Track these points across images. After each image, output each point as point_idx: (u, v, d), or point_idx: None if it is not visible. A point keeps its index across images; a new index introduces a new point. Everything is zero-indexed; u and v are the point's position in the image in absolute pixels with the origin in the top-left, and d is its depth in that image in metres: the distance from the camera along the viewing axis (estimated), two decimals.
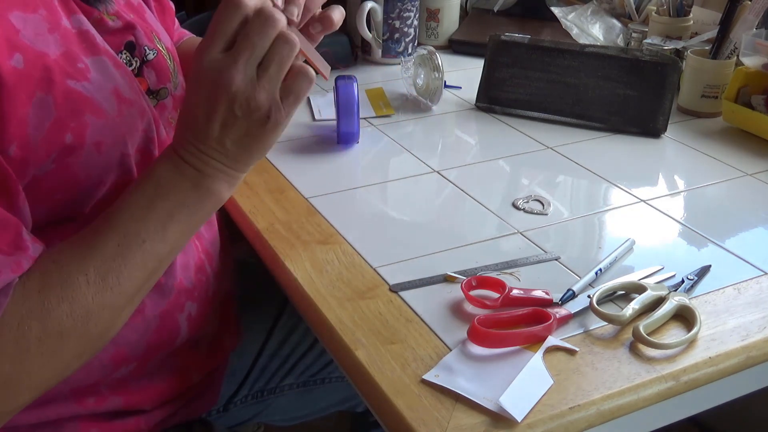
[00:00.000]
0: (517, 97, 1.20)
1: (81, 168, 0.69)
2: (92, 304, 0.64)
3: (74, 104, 0.67)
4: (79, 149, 0.67)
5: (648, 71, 1.14)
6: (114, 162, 0.71)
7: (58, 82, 0.66)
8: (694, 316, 0.71)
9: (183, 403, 0.89)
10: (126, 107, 0.72)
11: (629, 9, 1.44)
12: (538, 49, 1.20)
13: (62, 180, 0.68)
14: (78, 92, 0.67)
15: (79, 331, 0.65)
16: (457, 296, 0.75)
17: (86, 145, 0.68)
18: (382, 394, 0.64)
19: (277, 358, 1.03)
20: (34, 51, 0.65)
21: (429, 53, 1.22)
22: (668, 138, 1.13)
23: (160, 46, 0.81)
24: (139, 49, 0.78)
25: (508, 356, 0.67)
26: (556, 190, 0.99)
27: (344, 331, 0.71)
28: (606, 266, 0.80)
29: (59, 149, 0.66)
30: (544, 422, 0.61)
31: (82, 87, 0.68)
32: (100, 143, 0.69)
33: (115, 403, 0.81)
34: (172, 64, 0.83)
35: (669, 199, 0.96)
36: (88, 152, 0.68)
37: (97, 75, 0.70)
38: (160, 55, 0.80)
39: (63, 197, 0.69)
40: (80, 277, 0.64)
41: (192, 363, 0.87)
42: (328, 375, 1.06)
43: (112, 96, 0.70)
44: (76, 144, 0.67)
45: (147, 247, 0.67)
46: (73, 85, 0.67)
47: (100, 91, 0.69)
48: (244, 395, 1.02)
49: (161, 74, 0.80)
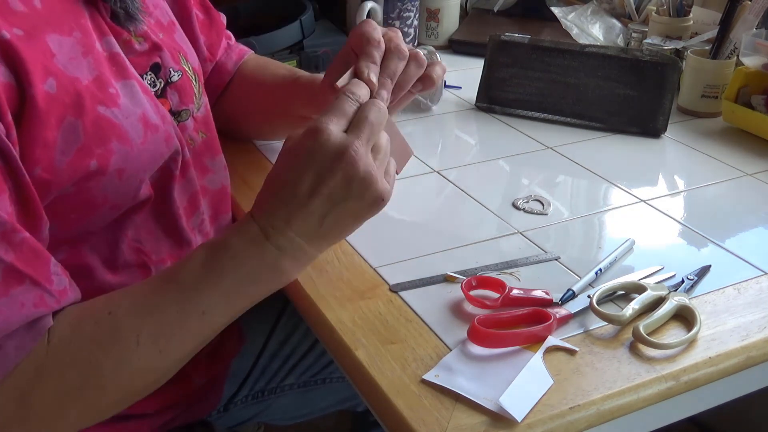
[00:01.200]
0: (517, 97, 1.20)
1: (99, 192, 0.69)
2: (138, 365, 0.64)
3: (102, 131, 0.67)
4: (101, 175, 0.68)
5: (648, 71, 1.14)
6: (131, 188, 0.71)
7: (88, 108, 0.66)
8: (694, 316, 0.71)
9: (185, 407, 0.89)
10: (152, 133, 0.72)
11: (629, 9, 1.44)
12: (538, 49, 1.20)
13: (79, 202, 0.68)
14: (107, 119, 0.68)
15: (121, 386, 0.65)
16: (457, 296, 0.75)
17: (109, 172, 0.68)
18: (382, 394, 0.64)
19: (278, 358, 1.03)
20: (67, 76, 0.65)
21: (429, 53, 1.22)
22: (668, 138, 1.13)
23: (186, 66, 0.81)
24: (164, 71, 0.78)
25: (508, 356, 0.67)
26: (556, 190, 0.99)
27: (344, 331, 0.71)
28: (606, 266, 0.80)
29: (83, 174, 0.66)
30: (544, 422, 0.61)
31: (111, 113, 0.68)
32: (123, 171, 0.69)
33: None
34: (197, 86, 0.83)
35: (669, 199, 0.96)
36: (109, 178, 0.68)
37: (126, 101, 0.70)
38: (185, 77, 0.80)
39: (78, 217, 0.70)
40: (132, 335, 0.63)
41: (193, 370, 0.87)
42: (329, 375, 1.06)
43: (139, 123, 0.71)
44: (100, 170, 0.67)
45: (206, 318, 0.66)
46: (103, 111, 0.67)
47: (128, 117, 0.70)
48: (245, 395, 1.02)
49: (184, 96, 0.80)
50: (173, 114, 0.78)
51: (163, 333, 0.65)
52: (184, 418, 0.90)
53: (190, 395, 0.89)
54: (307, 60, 1.33)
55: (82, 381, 0.63)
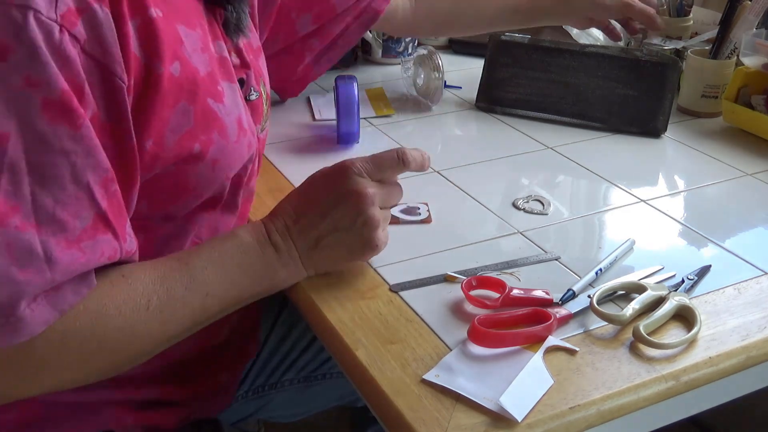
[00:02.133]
0: (517, 97, 1.20)
1: (193, 178, 0.73)
2: (141, 330, 0.67)
3: (208, 121, 0.71)
4: (200, 161, 0.71)
5: (648, 71, 1.14)
6: (218, 182, 0.76)
7: (201, 98, 0.70)
8: (694, 316, 0.71)
9: (205, 400, 0.92)
10: (242, 135, 0.76)
11: None
12: (538, 49, 1.20)
13: (174, 183, 0.72)
14: (213, 111, 0.72)
15: (120, 348, 0.67)
16: (457, 296, 0.75)
17: (207, 159, 0.72)
18: (382, 394, 0.64)
19: (278, 353, 1.04)
20: (190, 64, 0.69)
21: (429, 53, 1.22)
22: (668, 138, 1.13)
23: (263, 90, 0.86)
24: (246, 88, 0.82)
25: (508, 356, 0.67)
26: (556, 190, 0.99)
27: (344, 331, 0.71)
28: (606, 266, 0.80)
29: (186, 155, 0.70)
30: (544, 422, 0.61)
31: (217, 107, 0.72)
32: (216, 161, 0.73)
33: (150, 394, 0.85)
34: (266, 110, 0.88)
35: (669, 199, 0.96)
36: (205, 166, 0.72)
37: (228, 100, 0.75)
38: (260, 99, 0.85)
39: (168, 199, 0.73)
40: (143, 299, 0.67)
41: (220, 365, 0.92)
42: (329, 370, 1.06)
43: (235, 123, 0.75)
44: (200, 155, 0.71)
45: (207, 301, 0.71)
46: (212, 104, 0.72)
47: (229, 115, 0.74)
48: (245, 391, 1.03)
49: (256, 115, 0.84)
50: None
51: (169, 304, 0.68)
52: (200, 412, 0.93)
53: (213, 389, 0.92)
54: None
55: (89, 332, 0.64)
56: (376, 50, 1.42)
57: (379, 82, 1.33)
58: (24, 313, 0.59)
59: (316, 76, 1.22)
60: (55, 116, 0.58)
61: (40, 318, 0.60)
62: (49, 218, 0.59)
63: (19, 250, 0.57)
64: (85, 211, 0.61)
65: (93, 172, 0.61)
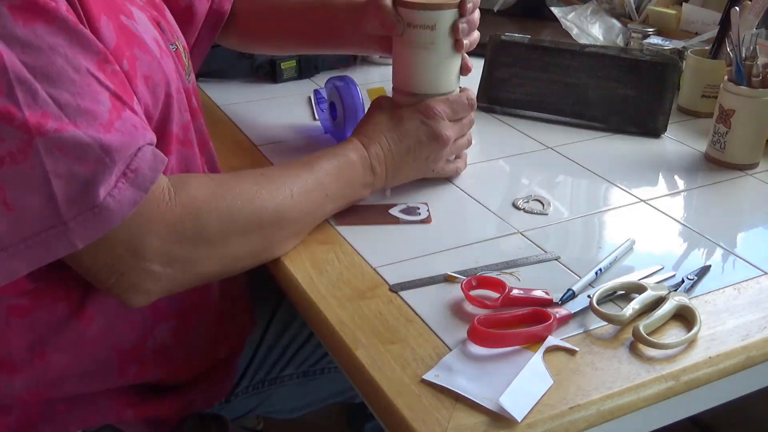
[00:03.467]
0: (517, 97, 1.20)
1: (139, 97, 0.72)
2: (290, 213, 0.79)
3: (126, 36, 0.72)
4: (133, 78, 0.71)
5: (648, 71, 1.14)
6: (159, 99, 0.75)
7: (113, 13, 0.71)
8: (694, 316, 0.71)
9: (206, 386, 0.92)
10: (165, 56, 0.77)
11: (629, 9, 1.44)
12: (538, 49, 1.20)
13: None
14: (128, 27, 0.73)
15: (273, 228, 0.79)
16: (457, 296, 0.75)
17: (138, 76, 0.72)
18: (382, 394, 0.64)
19: (276, 348, 1.04)
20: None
21: None
22: (668, 138, 1.13)
23: (179, 43, 0.86)
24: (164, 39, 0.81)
25: (508, 356, 0.67)
26: (556, 190, 0.99)
27: (344, 331, 0.71)
28: (606, 266, 0.80)
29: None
30: (544, 422, 0.61)
31: (131, 24, 0.73)
32: (148, 77, 0.73)
33: (153, 375, 0.85)
34: (187, 62, 0.88)
35: (669, 199, 0.96)
36: (140, 83, 0.72)
37: (140, 20, 0.75)
38: (179, 51, 0.84)
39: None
40: (287, 190, 0.79)
41: (221, 336, 0.92)
42: (327, 365, 1.07)
43: (153, 42, 0.76)
44: (131, 73, 0.71)
45: (328, 202, 0.84)
46: (125, 20, 0.72)
47: (145, 33, 0.75)
48: (245, 386, 1.03)
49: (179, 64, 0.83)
50: None
51: (305, 197, 0.81)
52: (202, 400, 0.93)
53: (211, 371, 0.92)
54: (307, 60, 1.33)
55: (249, 210, 0.75)
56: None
57: (379, 82, 1.33)
58: (106, 201, 0.63)
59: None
60: (27, 18, 0.60)
61: (126, 200, 0.64)
62: (77, 111, 0.61)
63: (71, 149, 0.61)
64: (100, 94, 0.63)
65: (84, 57, 0.63)
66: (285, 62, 1.32)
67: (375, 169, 0.88)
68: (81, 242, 0.64)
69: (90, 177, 0.63)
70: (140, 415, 0.86)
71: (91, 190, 0.62)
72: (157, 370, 0.86)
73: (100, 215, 0.63)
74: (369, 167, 0.87)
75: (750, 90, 0.99)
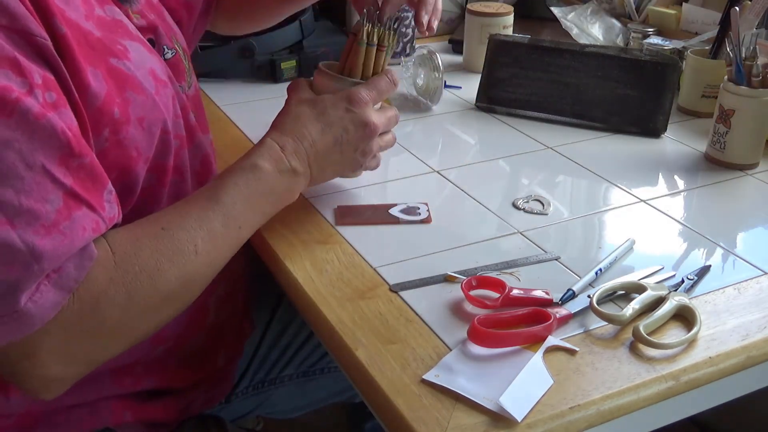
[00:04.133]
0: (517, 97, 1.20)
1: (130, 143, 0.71)
2: (195, 273, 0.71)
3: (117, 81, 0.70)
4: (126, 124, 0.70)
5: (648, 71, 1.14)
6: (156, 138, 0.74)
7: (102, 59, 0.69)
8: (694, 316, 0.71)
9: (205, 388, 0.92)
10: (162, 87, 0.75)
11: (629, 9, 1.44)
12: (538, 49, 1.20)
13: (117, 157, 0.70)
14: (120, 69, 0.70)
15: (181, 295, 0.72)
16: (457, 296, 0.75)
17: (131, 120, 0.70)
18: (382, 394, 0.64)
19: (276, 349, 1.04)
20: (80, 28, 0.67)
21: (429, 53, 1.22)
22: (668, 138, 1.13)
23: (178, 46, 0.84)
24: (158, 48, 0.80)
25: (508, 356, 0.67)
26: (556, 190, 0.99)
27: (344, 331, 0.71)
28: (606, 266, 0.80)
29: (111, 123, 0.69)
30: (544, 422, 0.61)
31: (123, 65, 0.71)
32: (142, 119, 0.72)
33: (149, 383, 0.85)
34: (188, 65, 0.86)
35: (669, 199, 0.96)
36: (134, 127, 0.71)
37: (134, 55, 0.73)
38: (178, 56, 0.83)
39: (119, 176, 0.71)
40: (190, 246, 0.70)
41: (217, 349, 0.92)
42: (327, 365, 1.07)
43: (149, 75, 0.74)
44: (123, 119, 0.70)
45: (242, 233, 0.76)
46: (115, 63, 0.70)
47: (139, 69, 0.73)
48: (246, 387, 1.03)
49: (177, 73, 0.82)
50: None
51: (213, 245, 0.72)
52: (201, 402, 0.93)
53: (212, 375, 0.92)
54: (307, 60, 1.33)
55: (151, 289, 0.68)
56: None
57: None
58: (26, 306, 0.59)
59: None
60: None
61: (48, 303, 0.61)
62: (17, 211, 0.58)
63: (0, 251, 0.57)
64: (50, 193, 0.60)
65: (44, 152, 0.60)
66: (285, 62, 1.32)
67: (296, 169, 0.79)
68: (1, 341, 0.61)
69: (14, 282, 0.59)
70: (139, 417, 0.86)
71: (12, 295, 0.59)
72: (152, 380, 0.85)
73: (19, 320, 0.60)
74: (288, 171, 0.79)
75: (750, 90, 0.99)
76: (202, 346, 0.89)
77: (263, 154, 0.78)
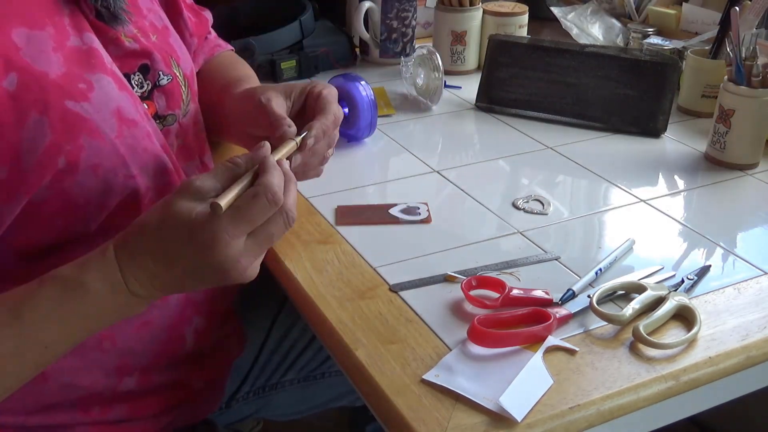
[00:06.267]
0: (517, 97, 1.20)
1: (79, 192, 0.67)
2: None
3: (70, 126, 0.65)
4: (74, 173, 0.66)
5: (648, 71, 1.14)
6: (117, 185, 0.69)
7: (55, 103, 0.64)
8: (694, 316, 0.71)
9: (186, 409, 0.89)
10: (127, 128, 0.70)
11: (629, 9, 1.44)
12: (538, 49, 1.20)
13: (61, 205, 0.67)
14: (76, 113, 0.66)
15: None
16: (457, 296, 0.75)
17: (81, 168, 0.66)
18: (382, 394, 0.63)
19: (278, 354, 1.04)
20: (34, 70, 0.64)
21: (429, 53, 1.22)
22: (668, 138, 1.13)
23: (177, 71, 0.81)
24: (152, 73, 0.77)
25: (508, 356, 0.67)
26: (556, 190, 0.99)
27: (344, 331, 0.71)
28: (606, 266, 0.80)
29: (53, 174, 0.65)
30: (544, 422, 0.61)
31: (80, 108, 0.66)
32: (97, 166, 0.67)
33: (120, 412, 0.81)
34: (186, 91, 0.82)
35: (669, 199, 0.96)
36: (84, 175, 0.67)
37: (99, 94, 0.68)
38: (175, 81, 0.80)
39: (64, 222, 0.68)
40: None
41: (192, 374, 0.87)
42: (328, 370, 1.06)
43: (112, 117, 0.69)
44: (71, 168, 0.65)
45: (48, 351, 0.63)
46: (72, 106, 0.66)
47: (99, 111, 0.68)
48: (246, 392, 1.03)
49: (172, 100, 0.79)
50: (158, 118, 0.78)
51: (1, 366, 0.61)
52: (185, 419, 0.90)
53: (190, 398, 0.89)
54: (307, 60, 1.33)
55: None
56: (373, 50, 1.42)
57: (378, 81, 1.33)
58: None
59: None
60: None
61: None
62: None
63: None
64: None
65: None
66: (285, 62, 1.32)
67: (138, 293, 0.63)
68: None
69: None
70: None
71: None
72: (122, 408, 0.81)
73: None
74: (124, 292, 0.63)
75: (750, 90, 0.99)
76: (174, 376, 0.84)
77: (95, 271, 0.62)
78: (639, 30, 1.35)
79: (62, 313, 0.62)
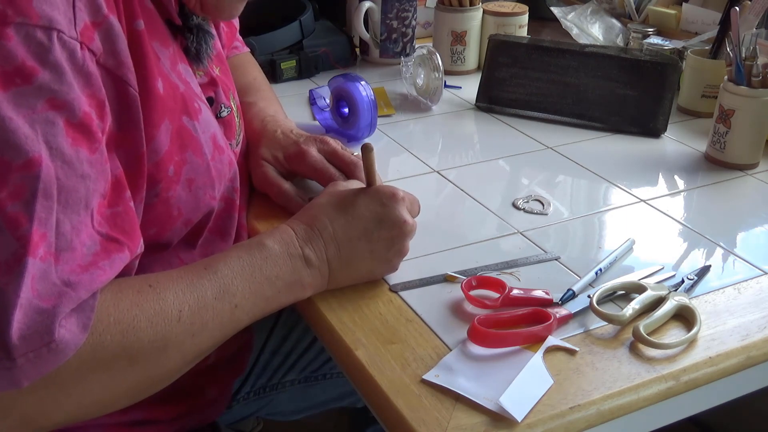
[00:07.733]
0: (517, 97, 1.20)
1: (175, 203, 0.71)
2: (173, 341, 0.63)
3: (182, 140, 0.70)
4: (175, 183, 0.70)
5: (648, 71, 1.14)
6: (202, 203, 0.74)
7: (178, 116, 0.69)
8: (694, 316, 0.71)
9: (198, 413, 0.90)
10: (218, 154, 0.75)
11: (629, 9, 1.44)
12: (538, 49, 1.20)
13: (159, 213, 0.70)
14: (188, 130, 0.71)
15: (151, 364, 0.63)
16: (457, 296, 0.75)
17: (181, 180, 0.70)
18: (382, 394, 0.63)
19: (279, 354, 1.04)
20: (170, 81, 0.68)
21: (429, 53, 1.22)
22: (668, 138, 1.13)
23: (233, 104, 0.84)
24: (216, 105, 0.80)
25: (508, 356, 0.67)
26: (556, 190, 0.99)
27: (344, 331, 0.71)
28: (606, 266, 0.80)
29: (163, 179, 0.68)
30: (544, 422, 0.61)
31: (192, 126, 0.71)
32: (192, 181, 0.72)
33: (138, 414, 0.81)
34: (239, 122, 0.86)
35: (669, 199, 0.96)
36: (182, 187, 0.71)
37: (205, 116, 0.73)
38: (232, 113, 0.83)
39: (157, 231, 0.71)
40: (175, 309, 0.63)
41: (210, 384, 0.89)
42: (329, 371, 1.06)
43: (210, 141, 0.74)
44: (175, 178, 0.70)
45: (236, 312, 0.67)
46: (187, 122, 0.71)
47: (204, 133, 0.73)
48: (247, 392, 1.03)
49: (229, 131, 0.82)
50: None
51: (200, 316, 0.64)
52: (193, 423, 0.91)
53: (202, 404, 0.89)
54: (307, 60, 1.33)
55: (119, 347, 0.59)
56: (373, 50, 1.42)
57: (378, 81, 1.33)
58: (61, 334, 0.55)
59: None
60: (76, 139, 0.57)
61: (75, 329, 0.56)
62: (66, 246, 0.56)
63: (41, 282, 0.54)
64: (89, 239, 0.58)
65: (97, 197, 0.59)
66: (285, 62, 1.32)
67: (308, 258, 0.71)
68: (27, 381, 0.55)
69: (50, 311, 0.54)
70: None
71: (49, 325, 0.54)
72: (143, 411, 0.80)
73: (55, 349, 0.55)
74: (298, 256, 0.71)
75: (750, 90, 0.99)
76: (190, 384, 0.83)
77: (272, 235, 0.72)
78: (639, 30, 1.35)
79: (250, 271, 0.68)
